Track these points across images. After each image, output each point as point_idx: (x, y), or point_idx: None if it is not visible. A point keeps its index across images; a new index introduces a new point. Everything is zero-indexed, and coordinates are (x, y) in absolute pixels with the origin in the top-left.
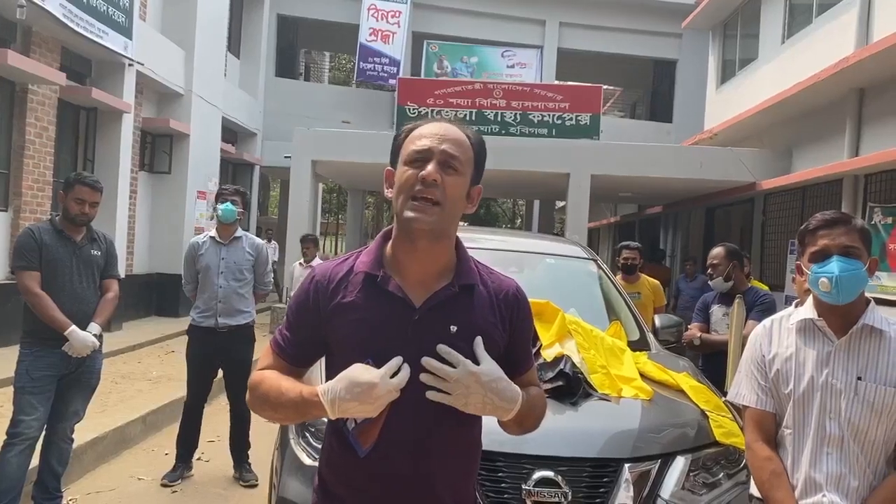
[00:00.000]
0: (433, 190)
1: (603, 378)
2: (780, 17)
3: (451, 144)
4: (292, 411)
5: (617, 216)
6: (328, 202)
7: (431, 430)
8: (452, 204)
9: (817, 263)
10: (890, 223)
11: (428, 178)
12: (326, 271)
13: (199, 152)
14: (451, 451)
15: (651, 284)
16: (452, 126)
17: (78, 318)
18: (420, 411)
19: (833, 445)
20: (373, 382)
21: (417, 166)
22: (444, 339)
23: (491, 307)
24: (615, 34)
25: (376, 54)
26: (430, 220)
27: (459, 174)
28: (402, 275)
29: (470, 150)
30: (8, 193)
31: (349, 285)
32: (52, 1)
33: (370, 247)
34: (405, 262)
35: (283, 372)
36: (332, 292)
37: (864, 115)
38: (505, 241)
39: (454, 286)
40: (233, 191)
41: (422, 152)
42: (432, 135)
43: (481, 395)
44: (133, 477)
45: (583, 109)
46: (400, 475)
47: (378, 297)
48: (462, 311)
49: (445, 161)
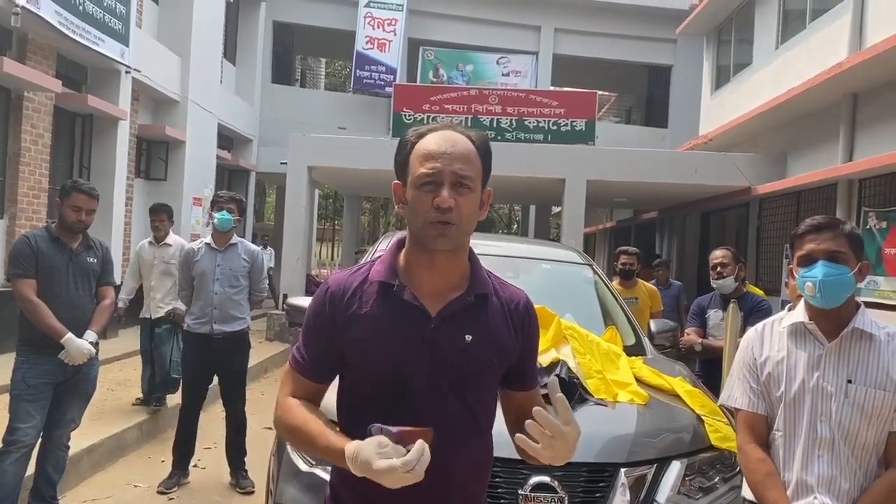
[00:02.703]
0: (450, 215)
1: (599, 383)
2: (774, 23)
3: (461, 163)
4: (320, 454)
5: (613, 221)
6: (324, 208)
7: (451, 442)
8: (468, 221)
9: (804, 268)
10: (884, 227)
11: (443, 204)
12: (341, 282)
13: (194, 159)
14: (470, 462)
15: (648, 289)
16: (457, 135)
17: (74, 325)
18: (441, 424)
19: (824, 448)
20: (381, 470)
21: (429, 190)
22: (459, 347)
23: (504, 317)
24: (610, 40)
25: (373, 62)
26: (450, 242)
27: (472, 192)
28: (416, 284)
29: (478, 160)
30: (3, 201)
31: (364, 295)
32: (48, 8)
33: (384, 256)
34: (420, 272)
35: (306, 389)
36: (347, 302)
37: (858, 119)
38: (501, 247)
39: (469, 296)
40: (228, 198)
41: (432, 175)
42: (441, 153)
43: (569, 450)
44: (129, 484)
45: (578, 115)
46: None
47: (393, 305)
48: (476, 320)
49: (457, 182)
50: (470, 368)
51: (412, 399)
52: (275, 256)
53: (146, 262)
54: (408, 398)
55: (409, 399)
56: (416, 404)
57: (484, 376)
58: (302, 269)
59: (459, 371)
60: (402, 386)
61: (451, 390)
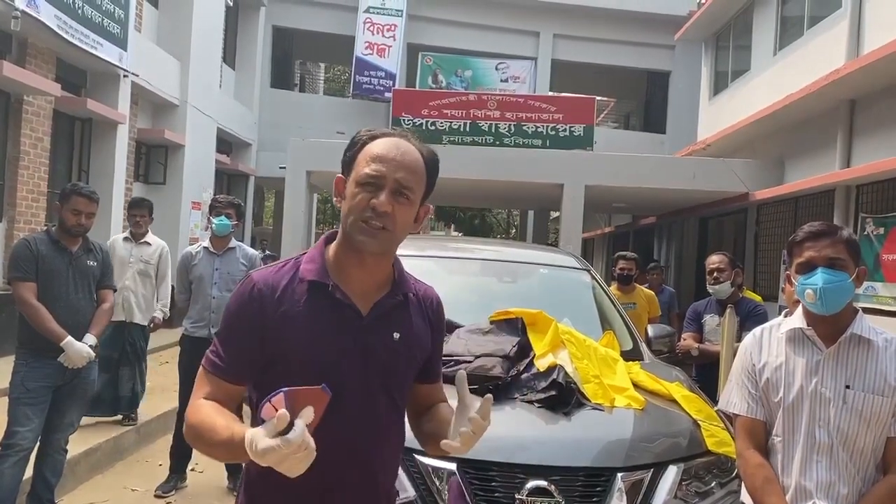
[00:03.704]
0: (384, 219)
1: (596, 388)
2: (772, 30)
3: (406, 173)
4: (223, 451)
5: (611, 226)
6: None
7: (379, 437)
8: (401, 230)
9: (803, 275)
10: (882, 234)
11: (379, 208)
12: (268, 279)
13: (193, 163)
14: (392, 451)
15: (646, 295)
16: (409, 146)
17: (73, 328)
18: (370, 421)
19: (822, 453)
20: (266, 450)
21: (370, 190)
22: (388, 346)
23: (421, 314)
24: (609, 46)
25: (372, 68)
26: (378, 245)
27: (410, 203)
28: (346, 282)
29: (423, 174)
30: (2, 204)
31: (295, 293)
32: (48, 12)
33: (312, 253)
34: (350, 271)
35: (222, 393)
36: (277, 301)
37: (856, 126)
38: (499, 252)
39: (398, 294)
40: (227, 202)
41: (375, 178)
42: (388, 158)
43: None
44: (127, 488)
45: (577, 120)
46: (347, 482)
47: (325, 305)
48: (402, 318)
49: (398, 190)
50: (398, 366)
51: (343, 397)
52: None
53: (121, 260)
54: (338, 396)
55: (340, 397)
56: (347, 402)
57: (408, 373)
58: None
59: (389, 369)
60: (333, 385)
61: (380, 388)
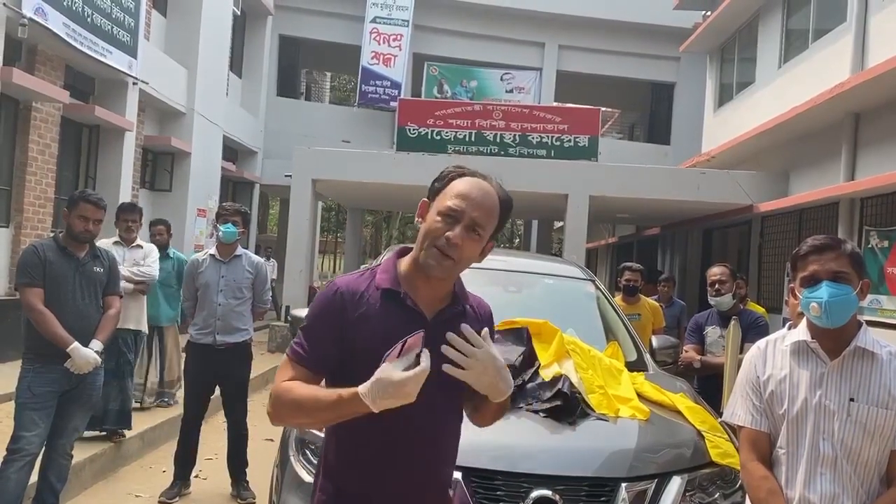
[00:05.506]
0: (453, 251)
1: (600, 398)
2: (777, 43)
3: (482, 213)
4: (329, 412)
5: (615, 237)
6: (326, 220)
7: (440, 426)
8: (465, 262)
9: (808, 288)
10: (886, 246)
11: (452, 239)
12: (350, 284)
13: (199, 170)
14: (453, 438)
15: (651, 306)
16: (490, 189)
17: (80, 334)
18: (431, 415)
19: (826, 466)
20: (403, 380)
21: (448, 222)
22: None
23: (477, 322)
24: (614, 57)
25: (378, 77)
26: (443, 271)
27: (480, 239)
28: (414, 293)
29: (496, 216)
30: (10, 210)
31: (371, 298)
32: (56, 20)
33: (385, 265)
34: (418, 283)
35: (302, 379)
36: (357, 303)
37: (860, 139)
38: (504, 262)
39: (459, 305)
40: (233, 210)
41: (455, 212)
42: (470, 197)
43: (493, 374)
44: (131, 494)
45: (581, 131)
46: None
47: (396, 309)
48: (460, 324)
49: (472, 226)
50: None
51: None
52: (277, 268)
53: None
54: None
55: None
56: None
57: None
58: (304, 282)
59: None
60: None
61: (440, 382)
